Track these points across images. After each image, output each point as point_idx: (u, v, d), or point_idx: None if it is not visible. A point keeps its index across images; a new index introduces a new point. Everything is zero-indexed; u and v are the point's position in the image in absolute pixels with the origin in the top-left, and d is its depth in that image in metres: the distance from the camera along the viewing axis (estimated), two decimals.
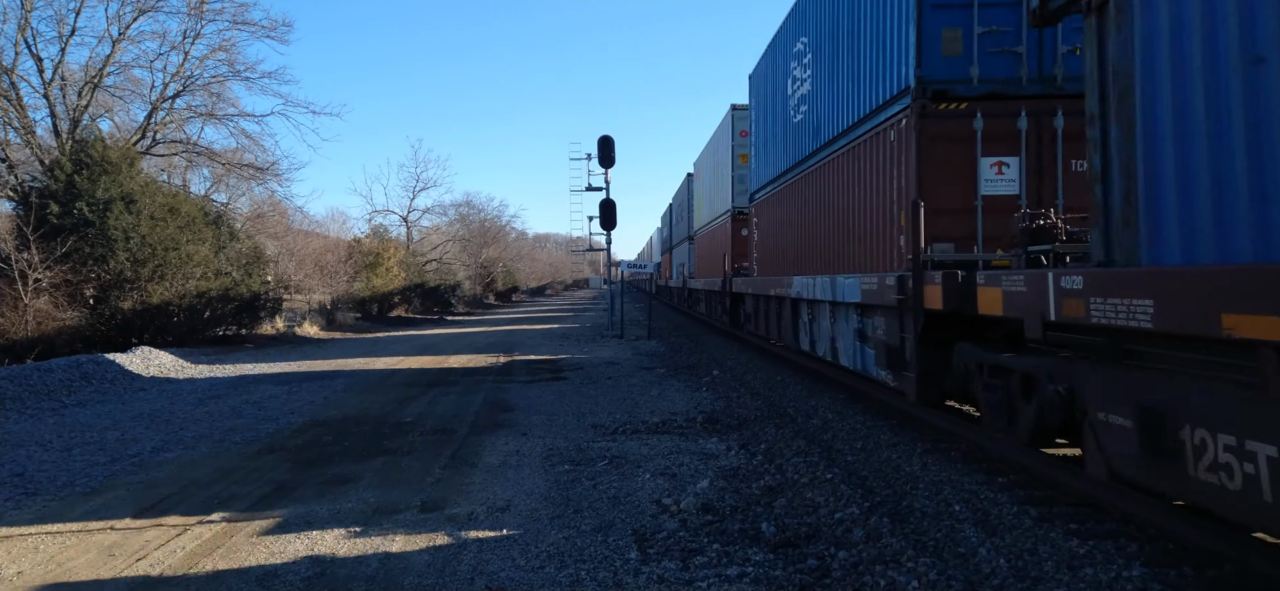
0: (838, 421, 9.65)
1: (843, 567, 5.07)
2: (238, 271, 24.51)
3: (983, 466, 7.26)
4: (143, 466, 8.51)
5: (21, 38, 24.06)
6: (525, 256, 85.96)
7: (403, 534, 5.94)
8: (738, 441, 8.84)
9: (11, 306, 18.14)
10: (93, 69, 25.55)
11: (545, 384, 14.23)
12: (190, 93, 27.68)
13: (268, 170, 30.17)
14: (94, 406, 12.89)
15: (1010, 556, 5.14)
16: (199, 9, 26.52)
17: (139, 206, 20.86)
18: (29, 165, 24.02)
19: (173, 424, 11.06)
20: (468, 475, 7.67)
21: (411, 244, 50.67)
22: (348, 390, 14.18)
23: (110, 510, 6.84)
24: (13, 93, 23.59)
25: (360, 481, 7.55)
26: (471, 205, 63.05)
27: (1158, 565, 4.85)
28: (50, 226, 19.64)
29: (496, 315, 46.52)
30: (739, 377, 14.10)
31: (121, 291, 20.51)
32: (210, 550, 5.71)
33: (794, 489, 6.83)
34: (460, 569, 5.22)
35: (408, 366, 18.06)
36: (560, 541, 5.69)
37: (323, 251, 36.37)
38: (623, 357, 18.46)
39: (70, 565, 5.52)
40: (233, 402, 12.89)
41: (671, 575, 5.02)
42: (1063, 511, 5.87)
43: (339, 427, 10.45)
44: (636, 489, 6.99)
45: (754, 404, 11.22)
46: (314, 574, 5.20)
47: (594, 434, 9.50)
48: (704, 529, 5.88)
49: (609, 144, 25.54)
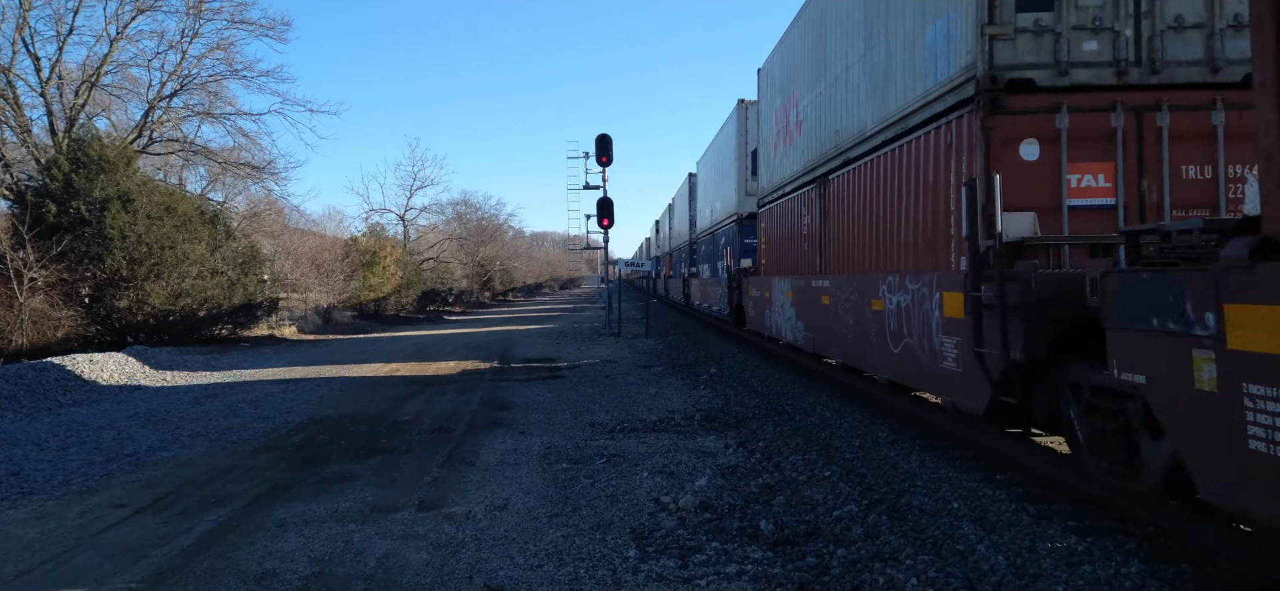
0: (836, 419, 9.65)
1: (842, 565, 5.07)
2: (234, 270, 24.45)
3: (981, 464, 7.27)
4: (139, 465, 8.50)
5: (19, 36, 23.96)
6: (522, 255, 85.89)
7: (401, 532, 5.94)
8: (736, 439, 8.84)
9: (7, 305, 18.08)
10: (90, 68, 25.46)
11: (543, 382, 14.21)
12: (188, 91, 27.57)
13: (264, 169, 30.11)
14: (90, 405, 12.86)
15: (1009, 553, 5.15)
16: (197, 8, 26.41)
17: (136, 205, 20.80)
18: (25, 164, 23.92)
19: (169, 423, 11.03)
20: (465, 473, 7.66)
21: (408, 243, 50.59)
22: (344, 391, 14.16)
23: (107, 508, 6.82)
24: (10, 91, 23.48)
25: (357, 480, 7.54)
26: (469, 204, 62.97)
27: (1156, 562, 4.86)
28: (46, 225, 19.59)
29: (493, 313, 46.46)
30: (737, 375, 14.10)
31: (118, 290, 20.46)
32: (207, 548, 5.70)
33: (792, 486, 6.83)
34: (458, 567, 5.21)
35: (401, 373, 18.04)
36: (558, 539, 5.68)
37: (319, 250, 36.27)
38: (620, 356, 18.45)
39: (70, 564, 5.50)
40: (229, 401, 12.87)
41: (670, 573, 5.02)
42: (1061, 509, 5.87)
43: (336, 427, 10.43)
44: (635, 487, 6.98)
45: (752, 402, 11.22)
46: (312, 573, 5.19)
47: (592, 432, 9.50)
48: (702, 527, 5.87)
49: (607, 141, 25.54)
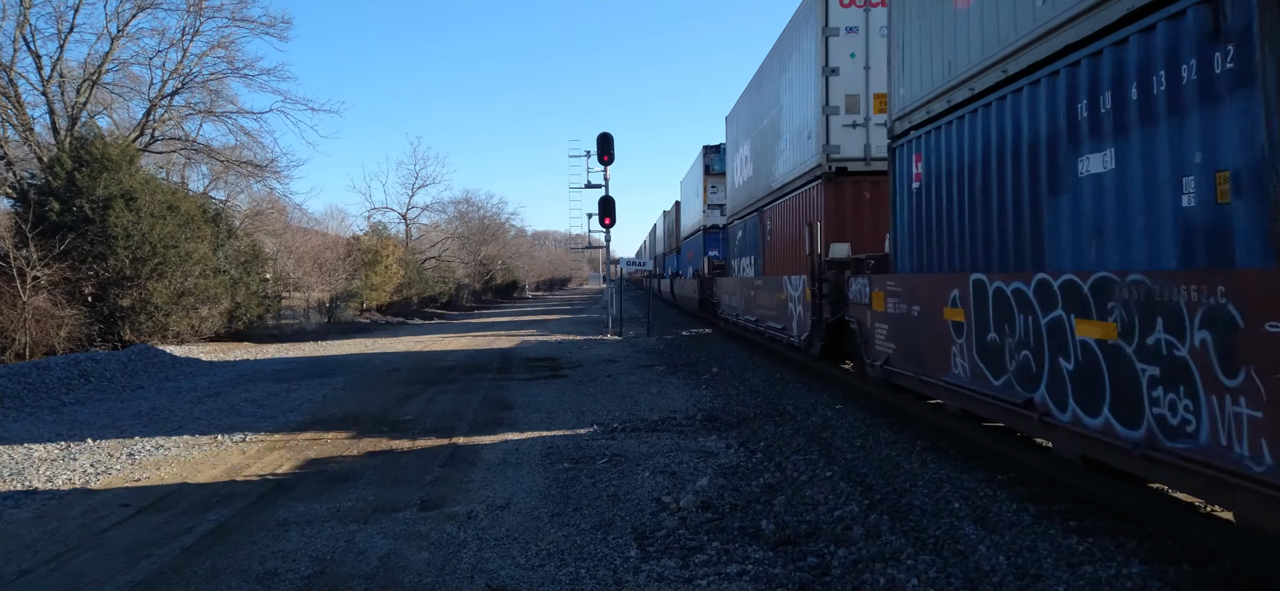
0: (837, 419, 9.65)
1: (842, 565, 5.07)
2: (236, 269, 24.47)
3: (982, 465, 7.26)
4: (138, 466, 8.51)
5: (20, 34, 23.98)
6: (524, 254, 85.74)
7: (402, 532, 5.94)
8: (737, 439, 8.84)
9: (10, 304, 18.12)
10: (91, 66, 25.47)
11: (544, 381, 14.22)
12: (189, 90, 27.58)
13: (266, 167, 30.12)
14: (93, 404, 12.88)
15: (1010, 554, 5.14)
16: (198, 6, 26.40)
17: (139, 204, 20.83)
18: (27, 162, 23.94)
19: (171, 422, 11.05)
20: (467, 473, 7.66)
21: (410, 241, 50.60)
22: (347, 387, 14.17)
23: (108, 509, 6.84)
24: (11, 90, 23.50)
25: (359, 479, 7.55)
26: (470, 202, 62.96)
27: (1157, 562, 4.85)
28: (49, 224, 19.62)
29: (495, 312, 46.47)
30: (739, 375, 14.09)
31: (121, 289, 20.49)
32: (208, 547, 5.71)
33: (793, 486, 6.83)
34: (460, 567, 5.22)
35: (405, 366, 18.05)
36: (560, 539, 5.69)
37: (321, 249, 36.28)
38: (622, 355, 18.45)
39: (73, 563, 5.52)
40: (231, 400, 12.88)
41: (671, 573, 5.02)
42: (1062, 509, 5.87)
43: (337, 426, 10.44)
44: (636, 487, 6.99)
45: (753, 401, 11.22)
46: (313, 572, 5.20)
47: (593, 431, 9.50)
48: (704, 526, 5.88)
49: (608, 140, 25.53)
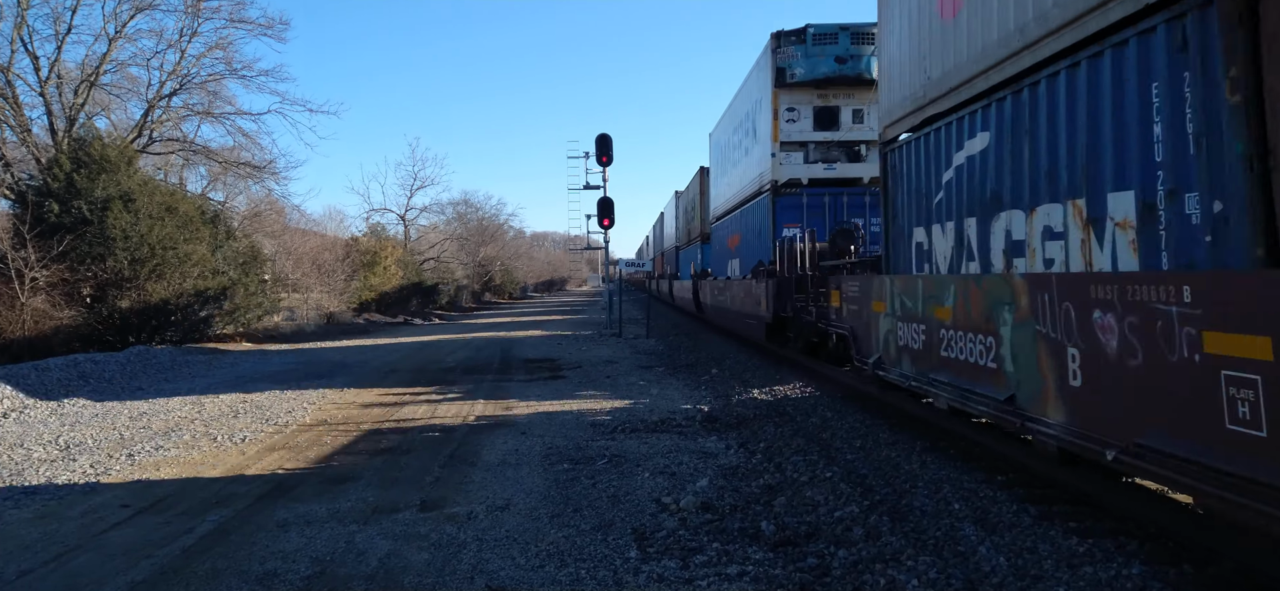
0: (837, 420, 9.65)
1: (842, 566, 5.08)
2: (235, 270, 24.44)
3: (982, 465, 7.27)
4: (138, 468, 8.50)
5: (17, 35, 23.96)
6: (523, 255, 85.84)
7: (402, 532, 5.94)
8: (737, 440, 8.85)
9: (8, 305, 18.09)
10: (89, 67, 25.47)
11: (544, 382, 14.21)
12: (187, 91, 27.60)
13: (265, 168, 30.13)
14: (93, 405, 12.85)
15: (1010, 554, 5.15)
16: (196, 7, 26.42)
17: (137, 205, 20.80)
18: (25, 164, 23.91)
19: (170, 422, 11.04)
20: (467, 473, 7.66)
21: (409, 242, 50.60)
22: (347, 388, 14.16)
23: (106, 510, 6.83)
24: (9, 91, 23.48)
25: (359, 479, 7.54)
26: (469, 204, 63.08)
27: (1157, 563, 4.85)
28: (47, 225, 19.59)
29: (494, 312, 46.46)
30: (739, 377, 14.09)
31: (119, 290, 20.46)
32: (208, 548, 5.71)
33: (793, 487, 6.84)
34: (460, 567, 5.22)
35: (404, 366, 18.04)
36: (560, 540, 5.69)
37: (320, 250, 36.29)
38: (621, 356, 18.45)
39: (73, 563, 5.51)
40: (231, 400, 12.87)
41: (671, 574, 5.02)
42: (1062, 510, 5.87)
43: (337, 426, 10.44)
44: (636, 487, 6.99)
45: (754, 403, 11.22)
46: (313, 573, 5.19)
47: (593, 432, 9.50)
48: (703, 527, 5.88)
49: (607, 141, 25.53)
